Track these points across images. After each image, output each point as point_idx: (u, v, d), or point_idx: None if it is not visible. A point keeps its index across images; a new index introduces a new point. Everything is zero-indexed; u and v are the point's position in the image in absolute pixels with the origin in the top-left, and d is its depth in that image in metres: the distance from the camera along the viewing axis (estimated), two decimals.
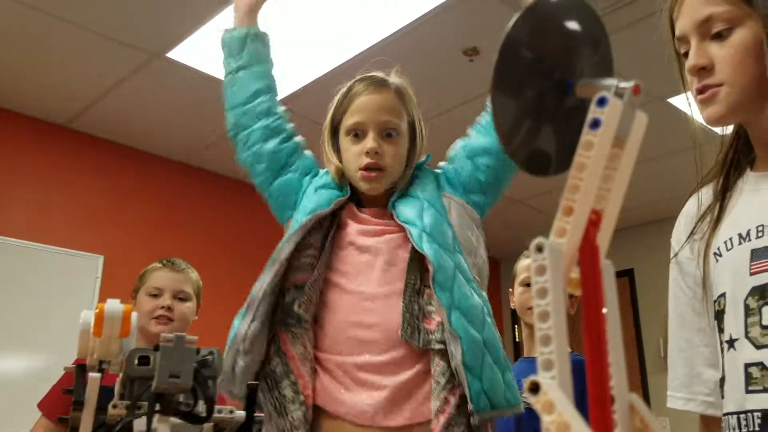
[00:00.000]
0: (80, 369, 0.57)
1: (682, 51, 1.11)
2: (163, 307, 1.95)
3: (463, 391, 1.21)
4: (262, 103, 1.50)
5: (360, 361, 1.27)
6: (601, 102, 0.48)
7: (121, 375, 0.54)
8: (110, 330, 0.55)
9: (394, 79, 1.46)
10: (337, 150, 1.46)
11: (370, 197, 1.42)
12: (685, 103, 3.59)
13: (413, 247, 1.29)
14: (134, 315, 0.61)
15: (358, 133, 1.39)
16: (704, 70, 1.06)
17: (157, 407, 0.50)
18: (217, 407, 0.56)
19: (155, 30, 2.93)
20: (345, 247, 1.36)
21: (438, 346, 1.25)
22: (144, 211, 3.96)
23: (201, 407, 0.53)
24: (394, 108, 1.39)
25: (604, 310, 0.51)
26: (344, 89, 1.46)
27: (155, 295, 1.98)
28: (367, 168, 1.36)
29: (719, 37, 1.04)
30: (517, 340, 5.76)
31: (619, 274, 4.52)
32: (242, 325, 1.28)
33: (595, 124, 0.48)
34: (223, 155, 4.09)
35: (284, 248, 1.32)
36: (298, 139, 1.53)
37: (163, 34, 2.95)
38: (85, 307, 2.04)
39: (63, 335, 2.38)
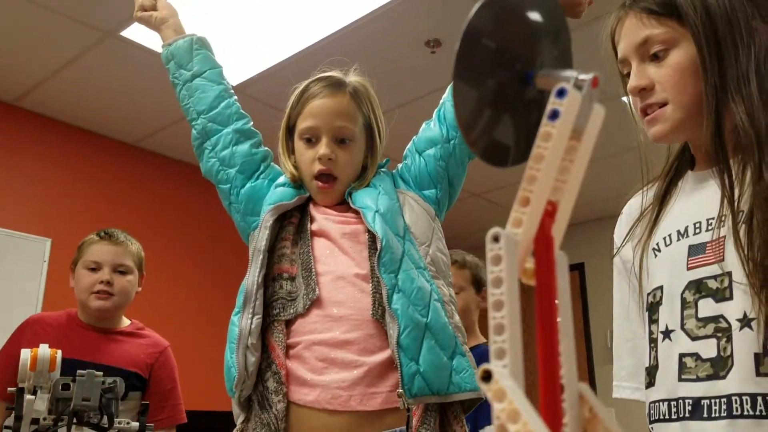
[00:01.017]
0: (20, 391, 0.79)
1: (625, 72, 1.16)
2: (102, 282, 1.90)
3: None
4: (229, 106, 1.50)
5: (330, 338, 1.25)
6: (561, 93, 0.48)
7: (48, 396, 0.78)
8: (42, 367, 0.80)
9: (352, 78, 1.46)
10: (292, 150, 1.46)
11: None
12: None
13: (369, 231, 1.30)
14: (59, 354, 0.83)
15: (311, 138, 1.38)
16: (645, 91, 1.14)
17: (74, 420, 0.77)
18: (117, 420, 0.79)
19: (109, 7, 2.84)
20: (314, 236, 1.36)
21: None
22: (93, 194, 3.86)
23: (105, 420, 0.78)
24: (349, 113, 1.39)
25: (557, 301, 0.52)
26: (300, 89, 1.45)
27: (93, 269, 1.93)
28: (319, 176, 1.36)
29: (657, 58, 1.10)
30: None
31: (570, 268, 4.58)
32: (244, 321, 1.26)
33: (554, 115, 0.48)
34: (175, 139, 4.02)
35: (261, 236, 1.32)
36: (267, 148, 1.52)
37: (117, 12, 2.87)
38: (33, 290, 2.09)
39: (10, 318, 2.31)
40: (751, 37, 1.02)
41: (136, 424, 0.82)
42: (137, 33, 3.00)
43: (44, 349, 0.80)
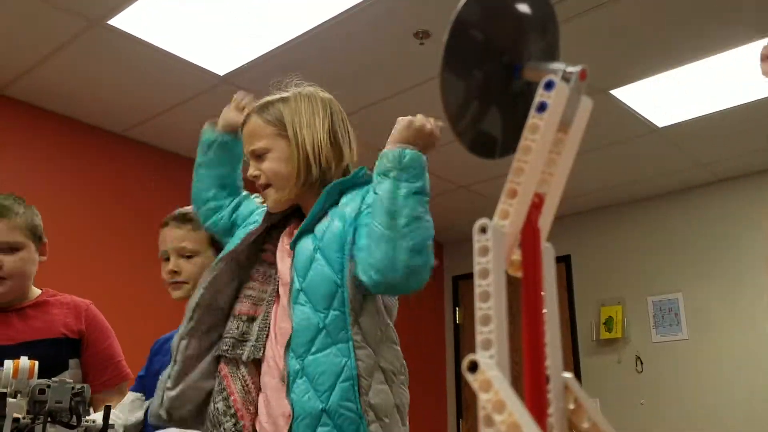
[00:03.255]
0: (2, 395, 0.93)
1: None
2: None
3: None
4: (209, 209, 1.63)
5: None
6: (549, 85, 0.49)
7: (27, 399, 0.95)
8: (23, 375, 0.96)
9: (289, 92, 1.52)
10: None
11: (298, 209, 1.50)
12: (626, 95, 3.72)
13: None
14: (36, 364, 0.97)
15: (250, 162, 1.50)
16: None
17: (49, 419, 0.93)
18: (84, 418, 0.96)
19: None
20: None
21: None
22: (80, 183, 3.83)
23: (74, 420, 0.94)
24: (256, 133, 1.47)
25: (543, 293, 0.52)
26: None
27: None
28: (259, 188, 1.48)
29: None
30: (457, 322, 5.85)
31: (557, 260, 4.64)
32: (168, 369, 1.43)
33: (542, 107, 0.48)
34: (163, 128, 3.99)
35: (198, 289, 1.45)
36: (238, 199, 1.62)
37: (104, 0, 2.84)
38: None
39: None
40: None
41: (99, 423, 0.96)
42: (124, 21, 2.97)
43: (24, 361, 0.96)
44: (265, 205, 1.52)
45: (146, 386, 1.71)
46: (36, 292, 1.83)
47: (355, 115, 1.50)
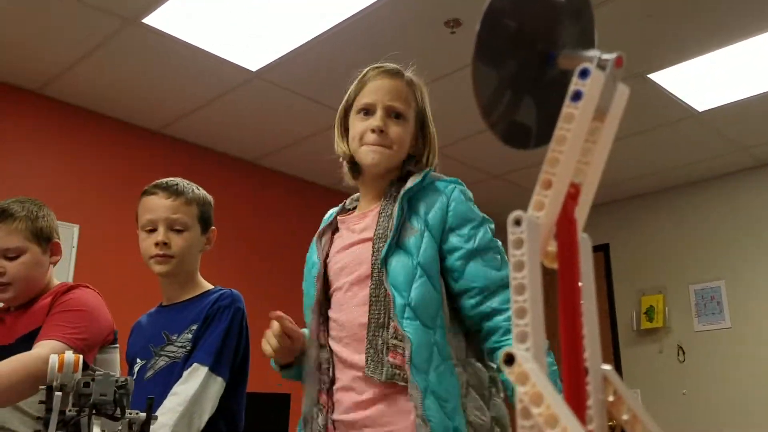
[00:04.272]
0: (49, 388, 0.96)
1: None
2: None
3: None
4: None
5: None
6: (584, 74, 0.48)
7: (72, 393, 0.97)
8: (68, 369, 0.98)
9: (409, 73, 1.51)
10: (346, 132, 1.50)
11: (369, 182, 1.47)
12: (665, 79, 3.65)
13: (378, 280, 1.34)
14: (81, 358, 0.99)
15: (367, 111, 1.44)
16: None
17: (94, 412, 0.95)
18: (128, 411, 0.96)
19: None
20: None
21: (402, 383, 1.28)
22: (119, 180, 3.91)
23: (118, 412, 0.95)
24: (403, 94, 1.45)
25: (580, 284, 0.51)
26: (359, 75, 1.51)
27: None
28: (372, 144, 1.42)
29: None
30: None
31: (595, 249, 4.58)
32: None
33: (577, 96, 0.47)
34: (199, 125, 4.04)
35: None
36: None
37: None
38: (63, 275, 1.89)
39: None
40: None
41: (143, 415, 0.97)
42: (158, 20, 3.01)
43: (69, 355, 0.98)
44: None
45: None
46: (52, 286, 1.80)
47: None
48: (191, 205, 1.69)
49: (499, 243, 1.38)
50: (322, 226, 1.53)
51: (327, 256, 1.47)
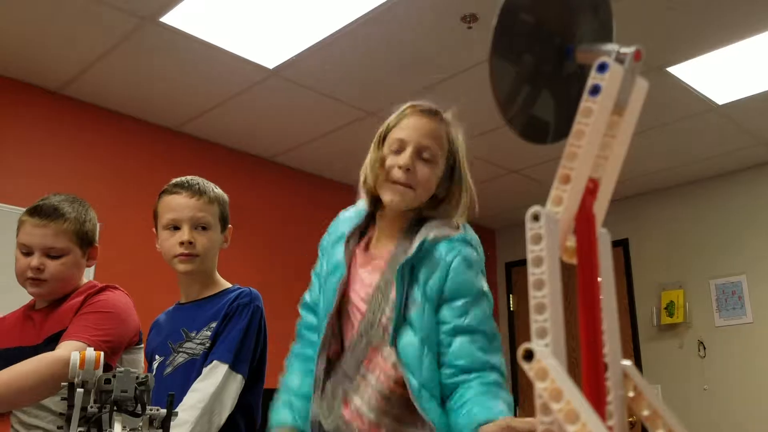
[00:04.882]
0: (71, 385, 0.97)
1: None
2: (32, 269, 1.69)
3: None
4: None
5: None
6: (602, 68, 0.47)
7: (94, 389, 0.98)
8: (89, 366, 0.98)
9: (447, 115, 1.48)
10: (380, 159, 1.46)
11: (387, 218, 1.46)
12: (684, 72, 3.61)
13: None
14: (102, 355, 0.99)
15: (399, 150, 1.42)
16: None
17: (115, 408, 0.96)
18: (148, 407, 0.97)
19: None
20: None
21: None
22: (137, 179, 3.94)
23: (139, 408, 0.96)
24: (437, 136, 1.42)
25: (599, 279, 0.51)
26: (401, 108, 1.49)
27: (26, 253, 1.71)
28: (395, 182, 1.40)
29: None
30: (511, 309, 5.80)
31: (614, 244, 4.54)
32: None
33: (595, 90, 0.47)
34: (217, 123, 4.06)
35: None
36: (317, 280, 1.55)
37: None
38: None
39: None
40: None
41: (164, 411, 0.98)
42: (175, 18, 3.03)
43: (90, 352, 0.99)
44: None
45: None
46: (80, 285, 1.81)
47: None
48: (213, 204, 1.71)
49: (494, 325, 1.35)
50: (349, 228, 1.50)
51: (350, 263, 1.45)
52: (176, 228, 1.67)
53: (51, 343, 1.64)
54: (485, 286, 1.37)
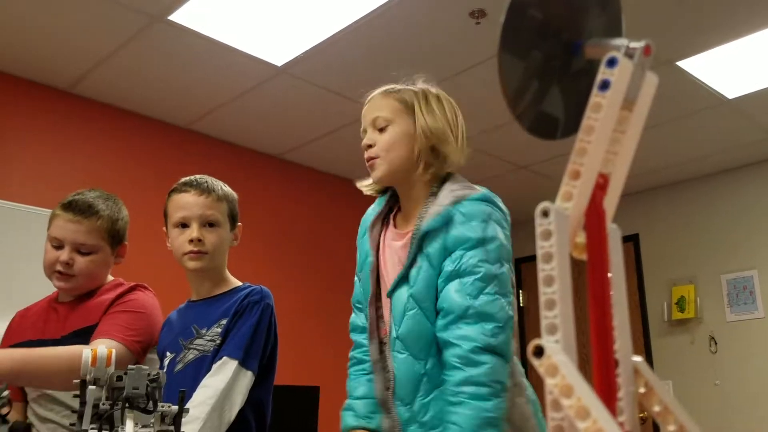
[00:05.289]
0: (83, 382, 0.98)
1: None
2: (61, 262, 1.70)
3: None
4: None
5: None
6: (611, 63, 0.47)
7: (106, 386, 0.98)
8: (101, 363, 0.99)
9: (418, 86, 1.55)
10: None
11: (400, 191, 1.53)
12: (694, 66, 3.59)
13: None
14: (113, 353, 1.01)
15: (363, 131, 1.55)
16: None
17: (127, 405, 0.96)
18: (160, 404, 0.98)
19: None
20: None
21: None
22: (146, 177, 3.96)
23: (151, 405, 0.97)
24: (384, 107, 1.50)
25: (610, 275, 0.51)
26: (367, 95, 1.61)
27: (57, 246, 1.72)
28: (367, 160, 1.51)
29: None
30: (521, 305, 5.79)
31: (624, 239, 4.52)
32: None
33: (605, 85, 0.47)
34: (225, 121, 4.07)
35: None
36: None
37: None
38: None
39: None
40: None
41: (175, 408, 0.99)
42: (183, 16, 3.03)
43: (102, 349, 1.00)
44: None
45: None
46: (106, 282, 1.83)
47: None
48: (222, 201, 1.72)
49: (493, 268, 1.31)
50: (372, 217, 1.55)
51: (378, 248, 1.51)
52: (185, 226, 1.68)
53: (76, 337, 1.65)
54: (490, 233, 1.34)
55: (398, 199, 1.55)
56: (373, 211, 1.57)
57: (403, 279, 1.39)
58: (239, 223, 1.79)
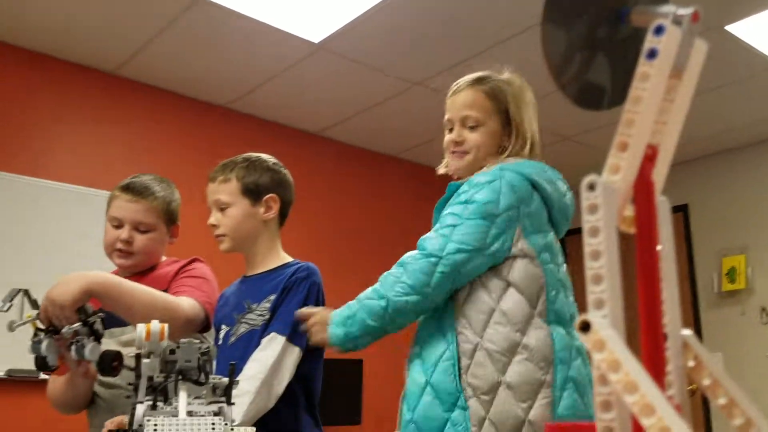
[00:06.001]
0: (138, 356, 1.01)
1: None
2: (121, 241, 1.80)
3: None
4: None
5: None
6: (658, 30, 0.46)
7: (159, 360, 1.01)
8: (154, 337, 1.02)
9: (495, 77, 1.64)
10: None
11: None
12: (743, 30, 3.47)
13: None
14: (166, 327, 1.03)
15: (451, 128, 1.65)
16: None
17: (180, 377, 0.98)
18: (212, 376, 1.00)
19: None
20: None
21: None
22: (190, 157, 4.01)
23: (203, 377, 0.99)
24: (476, 104, 1.60)
25: (659, 248, 0.50)
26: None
27: (116, 226, 1.82)
28: (452, 152, 1.63)
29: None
30: None
31: (674, 210, 4.40)
32: None
33: (652, 54, 0.46)
34: (264, 99, 4.09)
35: None
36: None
37: None
38: None
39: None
40: None
41: (226, 380, 1.02)
42: None
43: (155, 324, 1.03)
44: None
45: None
46: (161, 260, 1.93)
47: (450, 72, 1.51)
48: (228, 182, 1.77)
49: (462, 214, 1.47)
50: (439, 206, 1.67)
51: None
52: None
53: None
54: (477, 198, 1.48)
55: None
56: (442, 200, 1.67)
57: None
58: (270, 195, 1.80)
